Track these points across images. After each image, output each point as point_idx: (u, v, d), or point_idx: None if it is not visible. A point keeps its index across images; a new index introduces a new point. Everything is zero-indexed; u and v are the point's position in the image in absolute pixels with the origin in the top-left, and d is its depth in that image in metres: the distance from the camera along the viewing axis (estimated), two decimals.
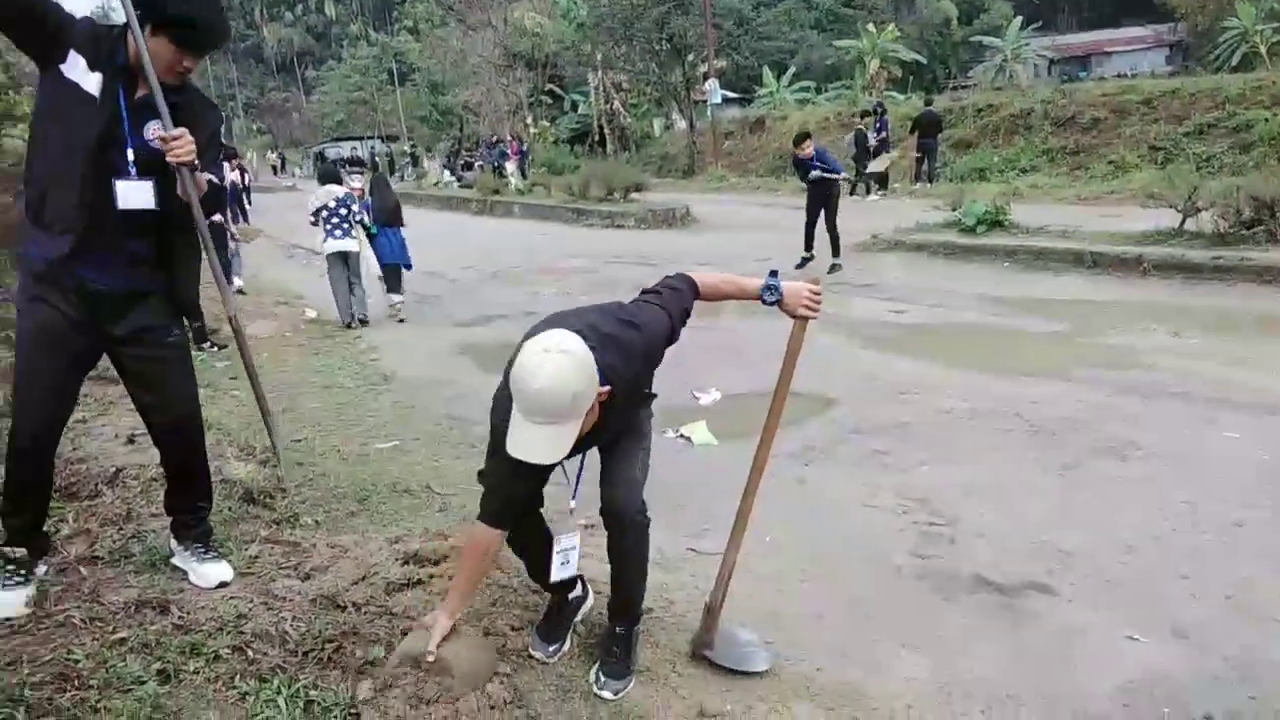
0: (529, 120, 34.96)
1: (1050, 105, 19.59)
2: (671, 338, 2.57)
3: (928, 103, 18.26)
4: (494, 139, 31.50)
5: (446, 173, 30.31)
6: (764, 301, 2.61)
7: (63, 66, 2.50)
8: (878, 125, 18.00)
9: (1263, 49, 27.02)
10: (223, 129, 3.06)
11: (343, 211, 8.84)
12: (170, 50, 2.54)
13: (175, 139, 2.52)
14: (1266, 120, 15.52)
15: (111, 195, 2.57)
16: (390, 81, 50.95)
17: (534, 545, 2.77)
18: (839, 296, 8.84)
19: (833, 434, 4.96)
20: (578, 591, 2.92)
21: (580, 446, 2.44)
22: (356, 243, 8.99)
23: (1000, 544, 3.56)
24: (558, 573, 2.66)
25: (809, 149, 10.04)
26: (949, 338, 7.12)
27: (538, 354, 2.17)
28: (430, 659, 2.44)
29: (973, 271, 9.64)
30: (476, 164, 30.44)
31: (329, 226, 8.84)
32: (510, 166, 26.57)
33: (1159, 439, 4.50)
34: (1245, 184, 9.03)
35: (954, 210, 11.54)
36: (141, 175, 2.60)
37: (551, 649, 2.75)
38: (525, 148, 29.73)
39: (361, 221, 9.07)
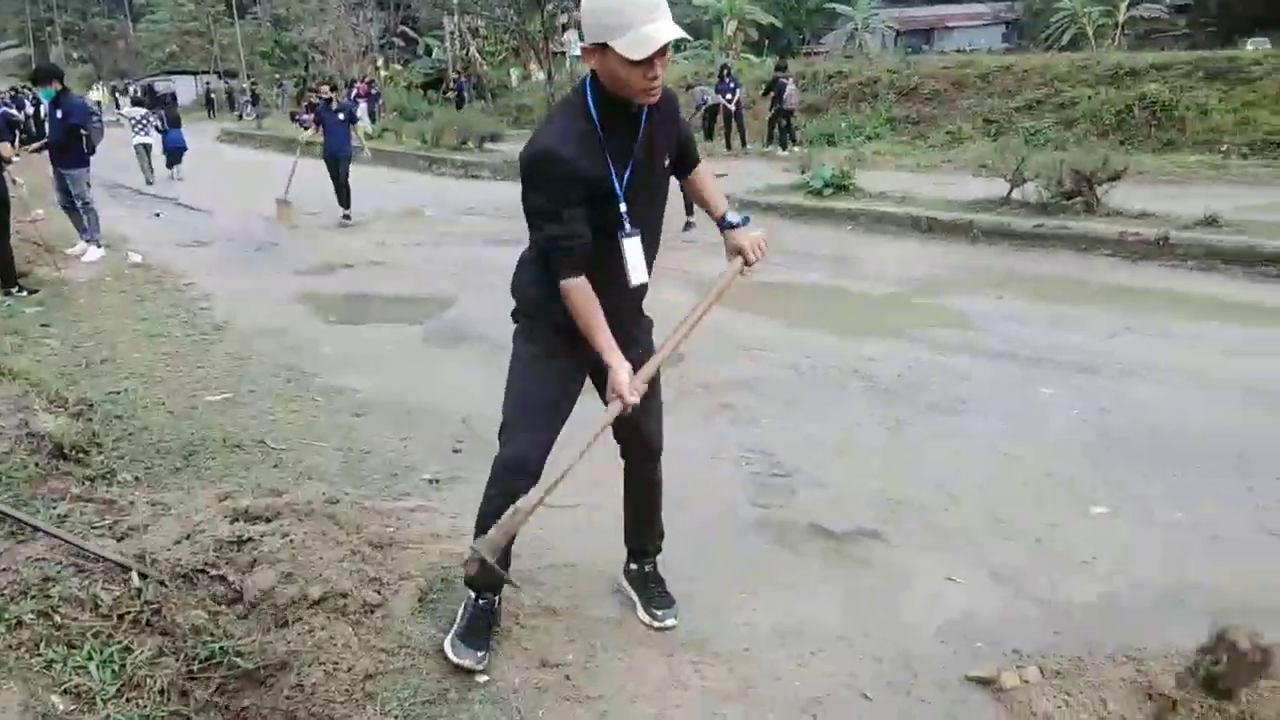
0: (380, 63, 33.55)
1: (895, 75, 20.29)
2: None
3: (780, 67, 18.53)
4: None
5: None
6: (724, 223, 2.61)
7: None
8: (728, 86, 18.19)
9: (1089, 30, 28.84)
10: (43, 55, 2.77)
11: (145, 121, 15.87)
12: None
13: None
14: (1089, 98, 16.57)
15: None
16: (229, 13, 47.66)
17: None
18: (691, 254, 8.92)
19: (681, 388, 5.02)
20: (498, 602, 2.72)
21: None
22: (152, 140, 16.00)
23: (837, 494, 3.71)
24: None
25: None
26: (795, 298, 7.32)
27: None
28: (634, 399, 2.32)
29: (819, 234, 9.93)
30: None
31: (136, 129, 15.72)
32: (360, 110, 25.44)
33: (983, 395, 4.78)
34: (1067, 158, 9.65)
35: (803, 173, 11.84)
36: None
37: (480, 655, 2.55)
38: (376, 91, 28.53)
39: (156, 126, 16.35)
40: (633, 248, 2.41)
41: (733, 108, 18.36)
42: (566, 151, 2.25)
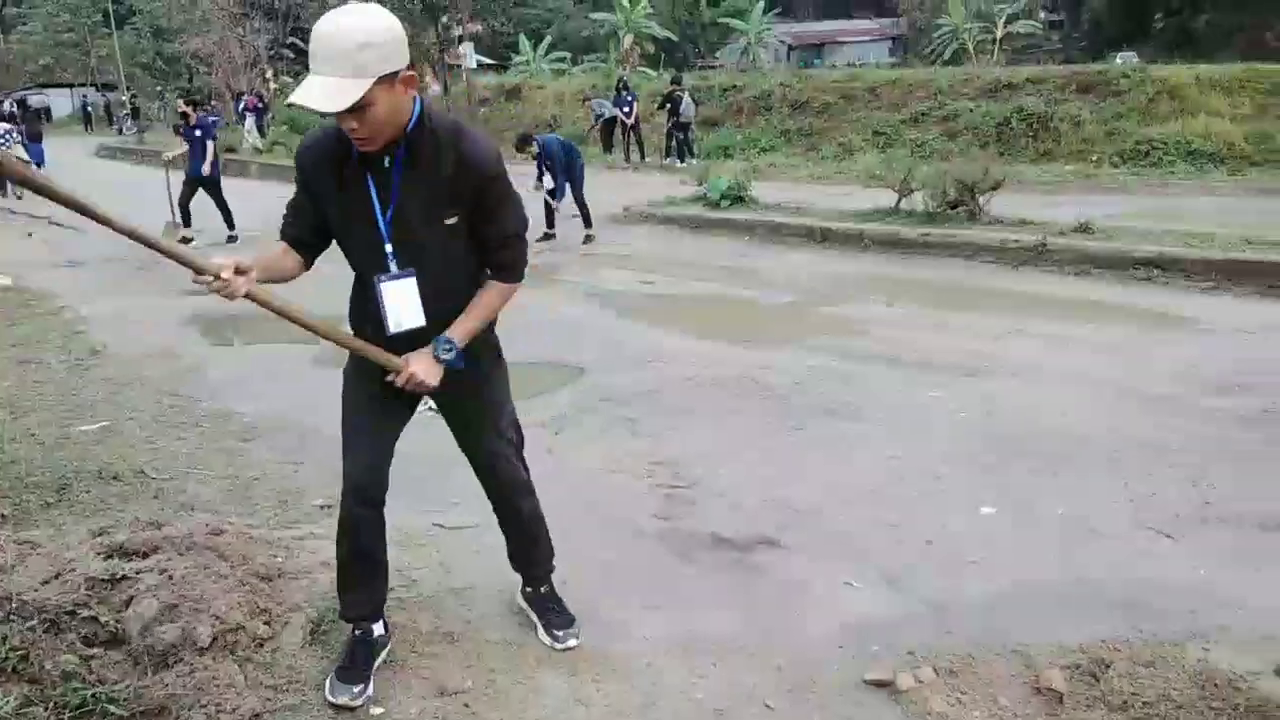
0: (269, 74, 32.60)
1: (788, 89, 20.75)
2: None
3: (675, 80, 18.75)
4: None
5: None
6: (439, 340, 2.36)
7: None
8: (626, 100, 18.39)
9: (970, 46, 30.10)
10: None
11: (6, 136, 16.44)
12: None
13: None
14: (971, 111, 17.27)
15: None
16: (106, 23, 45.65)
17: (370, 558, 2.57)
18: (591, 267, 8.94)
19: (582, 402, 5.00)
20: (381, 631, 2.63)
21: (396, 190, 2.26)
22: (15, 153, 14.75)
23: (736, 503, 3.74)
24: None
25: (533, 149, 10.09)
26: (694, 308, 7.39)
27: (342, 9, 2.06)
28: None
29: (717, 245, 10.06)
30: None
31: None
32: (249, 123, 24.69)
33: (874, 400, 4.90)
34: (951, 169, 10.02)
35: (700, 185, 11.98)
36: None
37: (356, 690, 2.45)
38: (264, 104, 27.69)
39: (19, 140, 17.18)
40: (392, 292, 2.34)
41: (630, 121, 18.52)
42: (309, 149, 2.34)
